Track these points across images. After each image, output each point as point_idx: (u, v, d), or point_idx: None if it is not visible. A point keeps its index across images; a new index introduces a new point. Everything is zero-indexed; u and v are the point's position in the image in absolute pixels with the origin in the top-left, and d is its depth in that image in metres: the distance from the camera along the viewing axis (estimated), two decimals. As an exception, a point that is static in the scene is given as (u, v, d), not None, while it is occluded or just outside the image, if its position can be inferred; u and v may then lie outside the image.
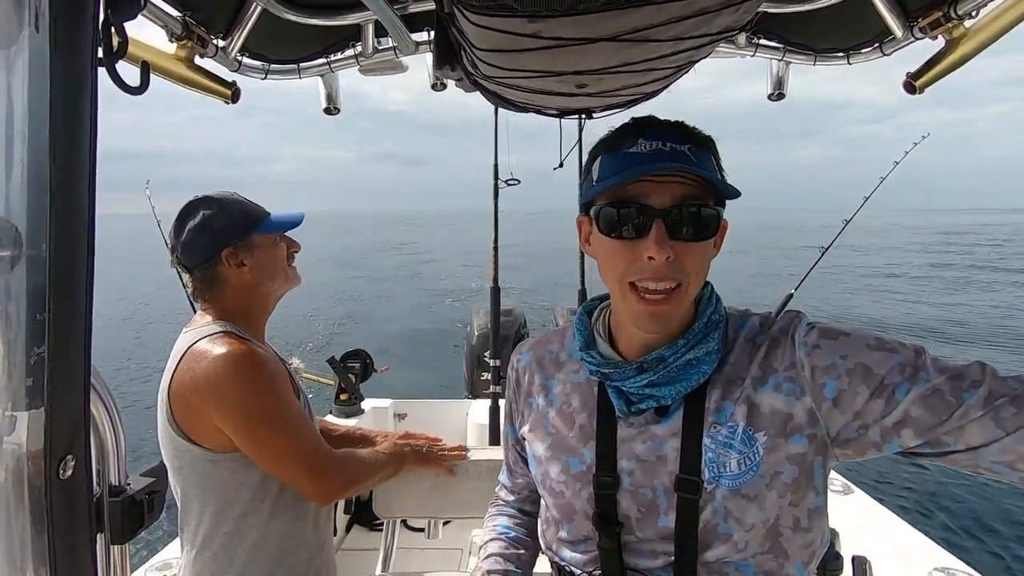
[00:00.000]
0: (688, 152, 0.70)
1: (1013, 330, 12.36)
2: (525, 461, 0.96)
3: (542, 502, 0.92)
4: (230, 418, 1.13)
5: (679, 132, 0.72)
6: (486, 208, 3.11)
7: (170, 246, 1.28)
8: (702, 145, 0.73)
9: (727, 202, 0.75)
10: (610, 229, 0.72)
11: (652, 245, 0.68)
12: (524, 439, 0.93)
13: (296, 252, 1.36)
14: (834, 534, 1.42)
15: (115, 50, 0.57)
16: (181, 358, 1.16)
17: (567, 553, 0.84)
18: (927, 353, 0.68)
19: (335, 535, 2.70)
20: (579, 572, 0.82)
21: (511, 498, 1.04)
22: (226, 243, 1.23)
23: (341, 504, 2.79)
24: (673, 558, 0.74)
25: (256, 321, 1.31)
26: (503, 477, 1.07)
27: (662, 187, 0.69)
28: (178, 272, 1.34)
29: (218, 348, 1.14)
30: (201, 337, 1.18)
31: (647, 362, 0.75)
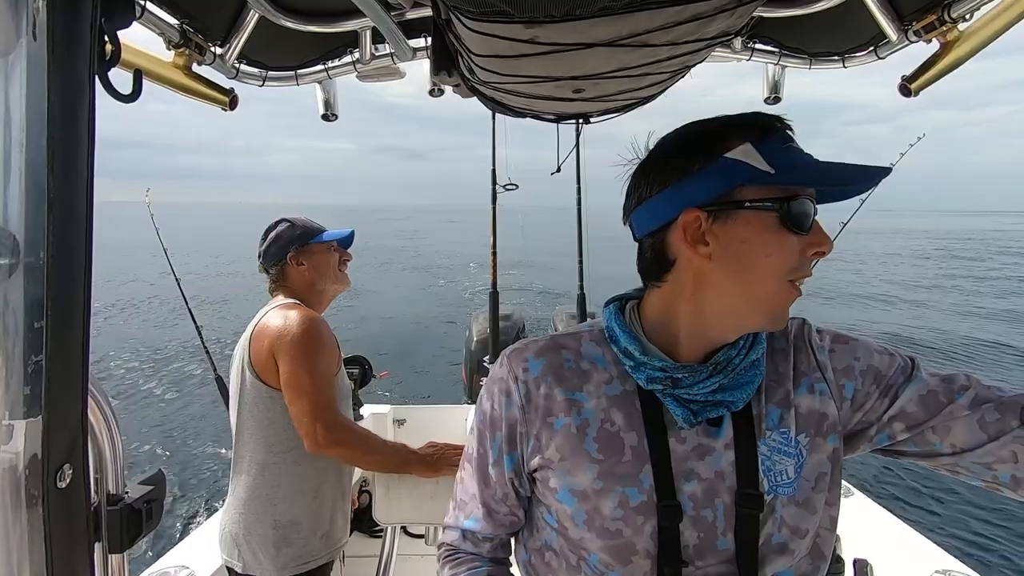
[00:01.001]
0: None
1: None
2: (519, 498, 0.80)
3: (537, 542, 0.80)
4: (283, 356, 1.46)
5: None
6: (485, 205, 3.11)
7: (258, 252, 1.70)
8: None
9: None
10: (798, 223, 0.65)
11: (827, 239, 0.66)
12: (538, 469, 0.76)
13: (348, 261, 1.77)
14: (835, 537, 1.42)
15: (108, 58, 0.57)
16: (263, 318, 1.55)
17: None
18: (918, 360, 0.75)
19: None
20: None
21: (481, 549, 0.84)
22: (290, 248, 1.66)
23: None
24: None
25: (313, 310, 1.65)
26: (470, 523, 0.83)
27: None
28: (177, 291, 1.62)
29: (292, 311, 1.53)
30: (278, 306, 1.58)
31: (719, 363, 0.70)
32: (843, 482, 2.26)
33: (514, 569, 0.86)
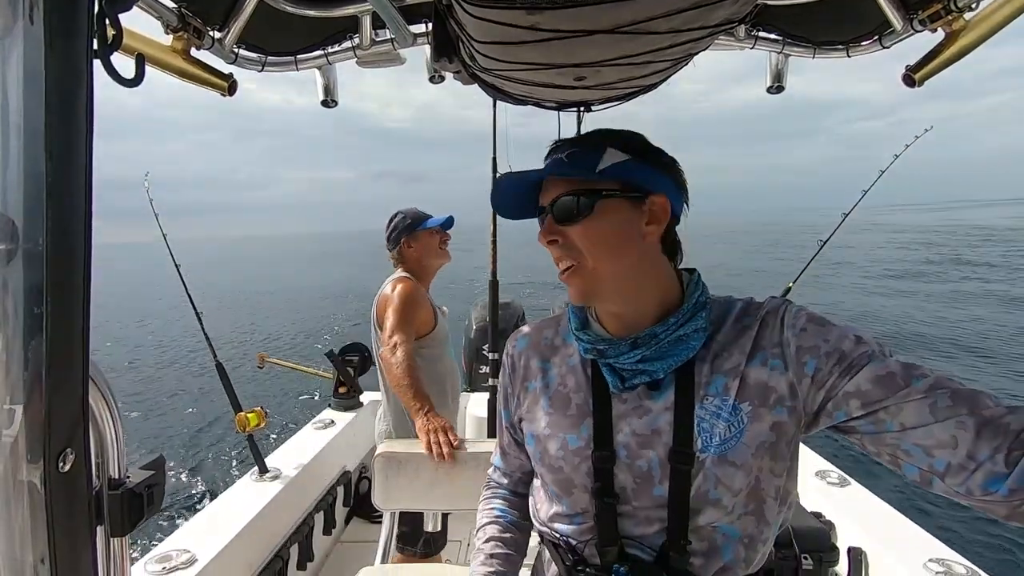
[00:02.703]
0: (564, 158, 0.82)
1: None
2: (519, 444, 1.01)
3: (536, 480, 0.97)
4: (387, 311, 2.11)
5: (571, 142, 0.85)
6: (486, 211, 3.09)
7: (386, 236, 2.31)
8: (591, 148, 0.82)
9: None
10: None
11: (540, 235, 0.84)
12: (520, 421, 0.97)
13: (447, 240, 2.33)
14: (830, 526, 1.43)
15: (110, 42, 0.56)
16: (382, 289, 2.22)
17: (563, 526, 0.89)
18: (888, 348, 0.76)
19: (335, 527, 2.72)
20: (575, 543, 0.87)
21: (504, 481, 1.09)
22: (404, 235, 2.27)
23: (340, 495, 2.81)
24: (667, 524, 0.80)
25: (423, 281, 2.29)
26: (497, 460, 1.10)
27: (549, 190, 0.84)
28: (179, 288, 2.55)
29: (399, 284, 2.18)
30: (392, 280, 2.23)
31: (641, 338, 0.82)
32: (839, 472, 2.28)
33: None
